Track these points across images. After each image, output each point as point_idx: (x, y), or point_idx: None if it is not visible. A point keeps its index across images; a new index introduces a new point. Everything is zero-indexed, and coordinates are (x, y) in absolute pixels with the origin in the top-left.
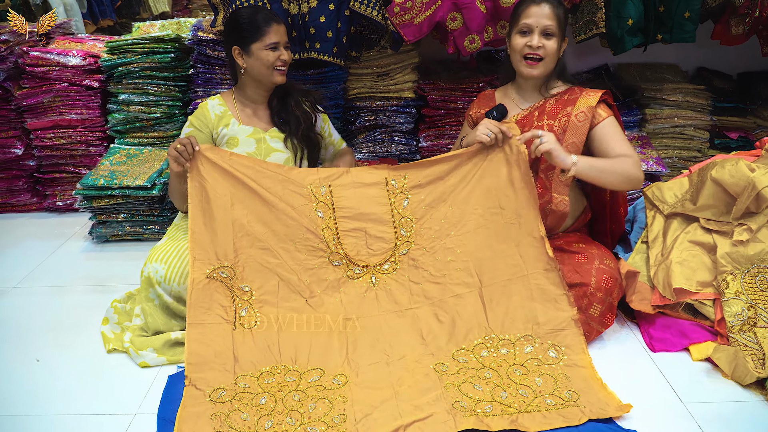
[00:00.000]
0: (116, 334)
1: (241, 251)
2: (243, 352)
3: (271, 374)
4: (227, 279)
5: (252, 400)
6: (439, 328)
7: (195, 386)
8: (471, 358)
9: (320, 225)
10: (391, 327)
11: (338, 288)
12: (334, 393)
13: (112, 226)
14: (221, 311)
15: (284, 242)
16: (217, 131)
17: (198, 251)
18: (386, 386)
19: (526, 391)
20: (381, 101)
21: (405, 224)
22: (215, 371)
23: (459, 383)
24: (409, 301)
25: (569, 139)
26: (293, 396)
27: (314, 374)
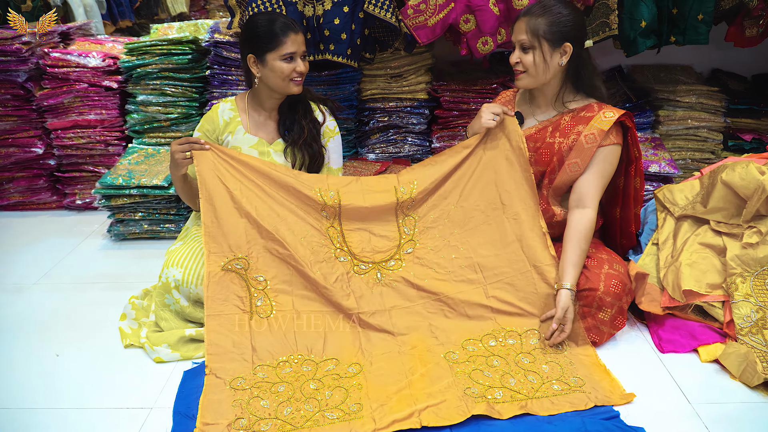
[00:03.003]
0: (133, 329)
1: (253, 242)
2: (260, 341)
3: (288, 364)
4: (242, 270)
5: (271, 388)
6: (446, 322)
7: (215, 375)
8: (479, 347)
9: (324, 224)
10: (400, 321)
11: (347, 281)
12: (349, 381)
13: (130, 224)
14: (238, 302)
15: (293, 234)
16: (222, 138)
17: (212, 244)
18: (399, 374)
19: (534, 377)
20: (394, 102)
21: (408, 223)
22: (234, 361)
23: (469, 371)
24: (416, 296)
25: (573, 159)
26: (310, 384)
27: (329, 364)
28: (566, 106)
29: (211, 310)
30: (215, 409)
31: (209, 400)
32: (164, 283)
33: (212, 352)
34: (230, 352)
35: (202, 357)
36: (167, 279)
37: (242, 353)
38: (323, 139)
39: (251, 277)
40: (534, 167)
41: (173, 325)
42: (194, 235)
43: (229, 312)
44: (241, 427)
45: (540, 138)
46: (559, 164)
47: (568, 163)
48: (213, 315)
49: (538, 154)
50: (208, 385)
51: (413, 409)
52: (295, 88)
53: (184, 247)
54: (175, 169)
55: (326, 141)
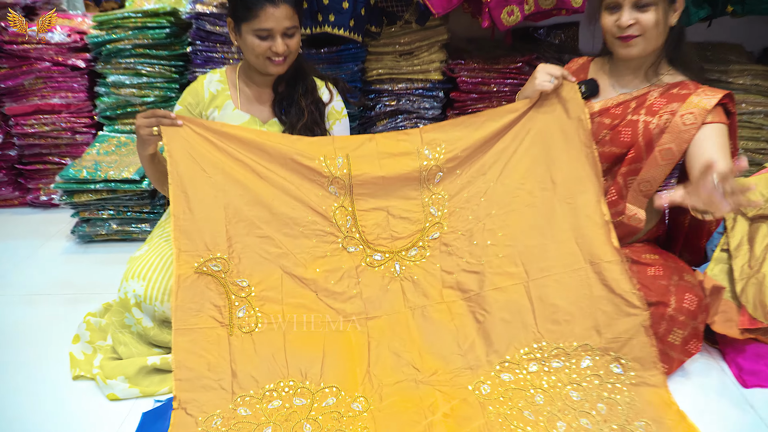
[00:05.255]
0: (87, 355)
1: (235, 240)
2: (242, 363)
3: (277, 394)
4: (220, 273)
5: (254, 431)
6: (477, 331)
7: (185, 411)
8: (517, 374)
9: (332, 204)
10: (420, 329)
11: (356, 278)
12: (353, 423)
13: (97, 224)
14: (214, 312)
15: (288, 227)
16: (207, 113)
17: (183, 241)
18: (417, 414)
19: (588, 420)
20: (404, 84)
21: (436, 202)
22: (209, 391)
23: (505, 411)
24: (440, 294)
25: (665, 143)
26: (305, 427)
27: (329, 396)
28: (660, 78)
29: (180, 323)
30: None
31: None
32: (122, 299)
33: (182, 377)
34: (204, 378)
35: (168, 393)
36: (126, 294)
37: (219, 379)
38: (328, 122)
39: (232, 282)
40: (608, 147)
41: (134, 351)
42: (164, 237)
43: (203, 325)
44: None
45: (620, 114)
46: (647, 149)
47: (660, 149)
48: (183, 329)
49: (616, 133)
50: (176, 425)
51: None
52: (274, 69)
53: (149, 253)
54: (141, 147)
55: (332, 124)
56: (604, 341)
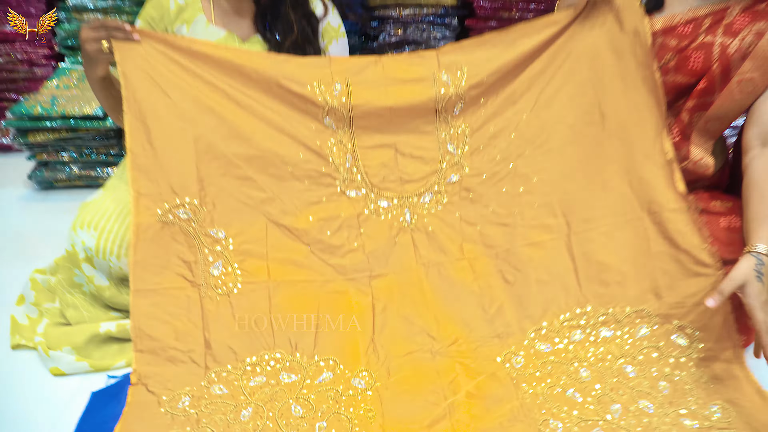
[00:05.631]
0: (31, 320)
1: (208, 181)
2: (218, 331)
3: (261, 369)
4: (189, 222)
5: (230, 414)
6: (506, 293)
7: (146, 387)
8: (557, 344)
9: (328, 140)
10: (435, 289)
11: (357, 229)
12: (354, 403)
13: (57, 168)
14: (183, 269)
15: (274, 166)
16: (173, 29)
17: (143, 183)
18: (434, 394)
19: (649, 402)
20: (411, 9)
21: (455, 138)
22: (177, 364)
23: (544, 390)
24: (460, 249)
25: (747, 72)
26: (293, 409)
27: (324, 370)
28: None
29: (140, 282)
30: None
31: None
32: (70, 253)
33: (143, 348)
34: (170, 349)
35: (126, 368)
36: (74, 247)
37: (190, 351)
38: (323, 41)
39: (204, 233)
40: (671, 76)
41: (85, 316)
42: (123, 180)
43: (169, 285)
44: None
45: (689, 34)
46: (723, 77)
47: (740, 79)
48: (144, 290)
49: (683, 58)
50: (133, 404)
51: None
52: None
53: (104, 198)
54: (89, 67)
55: (327, 44)
56: (664, 306)
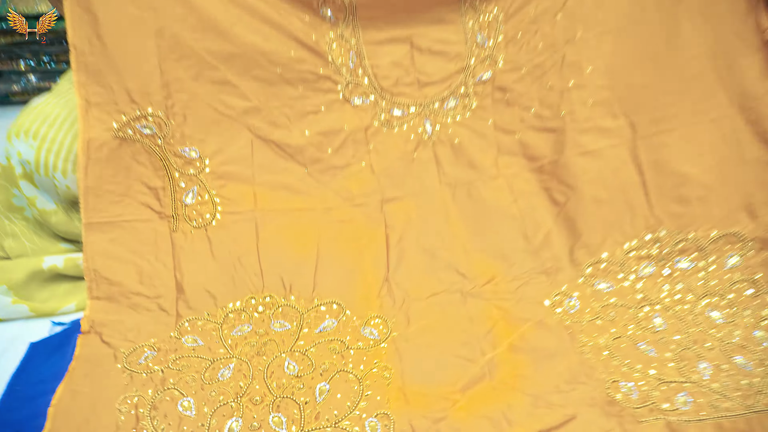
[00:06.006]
0: None
1: (177, 87)
2: (192, 272)
3: (247, 316)
4: (154, 138)
5: (206, 372)
6: (555, 217)
7: (100, 337)
8: (621, 282)
9: (326, 34)
10: (464, 215)
11: (365, 145)
12: (366, 360)
13: (12, 78)
14: (148, 197)
15: (260, 67)
16: None
17: (93, 89)
18: (467, 347)
19: (747, 359)
20: None
21: (487, 26)
22: (141, 312)
23: (607, 342)
24: (495, 164)
25: None
26: (287, 366)
27: (326, 317)
28: None
29: (94, 213)
30: (85, 419)
31: (75, 395)
32: (5, 168)
33: (99, 294)
34: (134, 295)
35: (77, 311)
36: (9, 159)
37: (158, 297)
38: None
39: (174, 152)
40: None
41: (27, 248)
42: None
43: (131, 217)
44: None
45: None
46: None
47: None
48: (99, 223)
49: None
50: (82, 359)
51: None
52: None
53: (49, 101)
54: None
55: None
56: (761, 228)
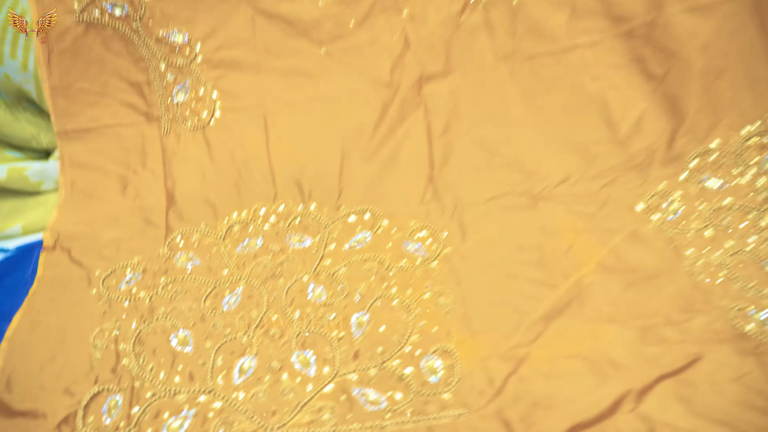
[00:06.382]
0: None
1: None
2: (187, 179)
3: (255, 228)
4: (128, 21)
5: (207, 299)
6: (650, 94)
7: (69, 254)
8: (736, 177)
9: None
10: (527, 98)
11: (396, 12)
12: (413, 283)
13: None
14: (130, 95)
15: None
16: None
17: None
18: (544, 267)
19: None
20: None
21: None
22: (123, 227)
23: (724, 258)
24: (568, 29)
25: None
26: (311, 291)
27: (357, 229)
28: None
29: (67, 119)
30: (50, 356)
31: (36, 326)
32: None
33: (71, 206)
34: (114, 207)
35: (24, 235)
36: None
37: (143, 207)
38: None
39: (156, 37)
40: None
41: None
42: None
43: (111, 121)
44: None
45: None
46: None
47: None
48: (75, 131)
49: None
50: (45, 283)
51: (617, 391)
52: None
53: None
54: None
55: None
56: None
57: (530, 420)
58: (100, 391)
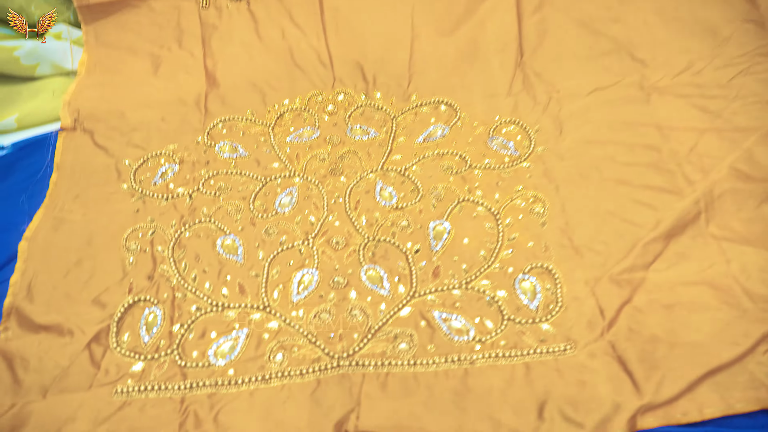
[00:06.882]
0: None
1: None
2: (230, 60)
3: (309, 116)
4: None
5: (256, 197)
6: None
7: (92, 137)
8: None
9: None
10: None
11: None
12: (501, 187)
13: None
14: None
15: None
16: None
17: None
18: (660, 173)
19: None
20: None
21: None
22: (150, 109)
23: None
24: None
25: None
26: (378, 191)
27: (431, 121)
28: None
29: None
30: (75, 258)
31: (60, 224)
32: None
33: (90, 81)
34: (141, 87)
35: (20, 130)
36: None
37: (178, 90)
38: None
39: None
40: None
41: None
42: None
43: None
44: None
45: None
46: None
47: None
48: (99, 4)
49: None
50: (66, 171)
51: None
52: None
53: None
54: None
55: None
56: None
57: (651, 360)
58: (135, 301)
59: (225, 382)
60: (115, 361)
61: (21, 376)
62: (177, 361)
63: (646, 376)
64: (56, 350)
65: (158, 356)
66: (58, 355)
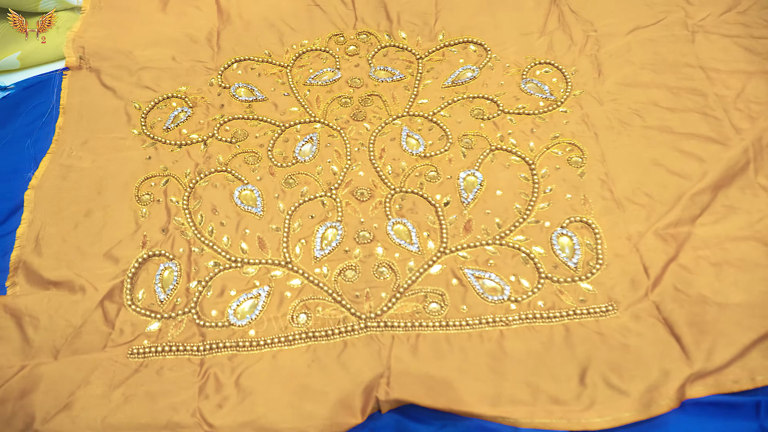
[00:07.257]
0: None
1: None
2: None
3: (330, 58)
4: None
5: (275, 144)
6: None
7: (98, 77)
8: None
9: None
10: None
11: None
12: (536, 134)
13: None
14: None
15: None
16: None
17: None
18: (706, 120)
19: None
20: None
21: None
22: (159, 47)
23: None
24: None
25: None
26: (404, 138)
27: (459, 62)
28: None
29: None
30: (93, 188)
31: (68, 171)
32: None
33: (94, 19)
34: (150, 28)
35: (23, 69)
36: None
37: (189, 26)
38: None
39: None
40: None
41: None
42: None
43: None
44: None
45: None
46: None
47: None
48: None
49: None
50: (73, 114)
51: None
52: None
53: None
54: None
55: None
56: None
57: (700, 324)
58: (149, 256)
59: (246, 344)
60: (130, 319)
61: (31, 336)
62: (195, 320)
63: (695, 340)
64: (67, 308)
65: (175, 315)
66: (69, 313)
